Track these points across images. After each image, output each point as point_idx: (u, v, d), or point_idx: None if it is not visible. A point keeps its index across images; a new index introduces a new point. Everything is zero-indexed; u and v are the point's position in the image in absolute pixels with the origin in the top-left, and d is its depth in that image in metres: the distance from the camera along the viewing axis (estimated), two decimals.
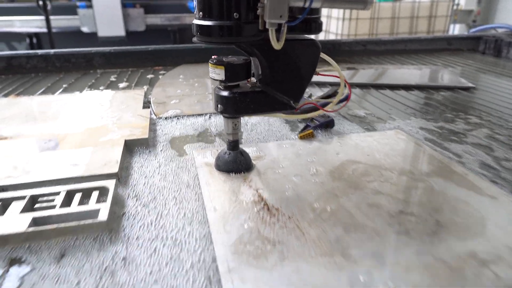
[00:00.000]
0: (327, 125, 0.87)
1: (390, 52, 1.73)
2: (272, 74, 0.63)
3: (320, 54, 0.65)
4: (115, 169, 0.66)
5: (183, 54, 1.54)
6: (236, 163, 0.68)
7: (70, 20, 4.38)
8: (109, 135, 0.82)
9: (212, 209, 0.58)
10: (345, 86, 0.69)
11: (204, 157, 0.75)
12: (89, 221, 0.53)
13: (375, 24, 2.73)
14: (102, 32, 4.30)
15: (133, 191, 0.64)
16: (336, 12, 2.69)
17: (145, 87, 1.26)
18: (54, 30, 4.29)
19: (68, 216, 0.55)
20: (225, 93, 0.63)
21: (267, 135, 0.88)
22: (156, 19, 4.48)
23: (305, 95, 1.22)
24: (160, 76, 1.41)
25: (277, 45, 0.56)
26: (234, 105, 0.63)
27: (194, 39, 0.61)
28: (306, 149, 0.79)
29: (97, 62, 1.46)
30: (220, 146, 0.82)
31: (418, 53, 1.76)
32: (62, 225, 0.52)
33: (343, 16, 2.66)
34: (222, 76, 0.62)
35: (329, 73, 0.69)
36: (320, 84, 1.32)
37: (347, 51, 1.68)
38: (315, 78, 0.65)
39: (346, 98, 0.73)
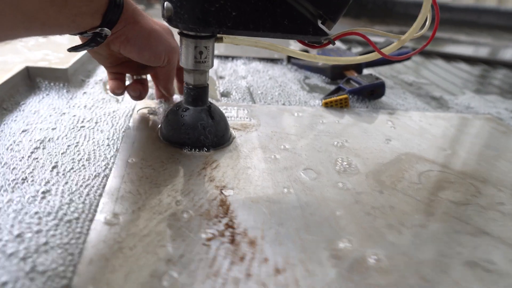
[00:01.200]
0: (373, 91, 0.53)
1: (456, 23, 1.33)
2: None
3: None
4: None
5: None
6: (195, 129, 0.35)
7: None
8: (8, 56, 0.50)
9: (101, 222, 0.26)
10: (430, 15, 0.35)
11: (156, 109, 0.42)
12: None
13: None
14: None
15: None
16: None
17: None
18: None
19: None
20: None
21: (268, 93, 0.54)
22: None
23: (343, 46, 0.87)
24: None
25: None
26: (197, 5, 0.29)
27: None
28: (333, 124, 0.45)
29: None
30: None
31: (494, 29, 1.36)
32: None
33: None
34: None
35: None
36: (362, 43, 0.96)
37: (401, 15, 1.30)
38: None
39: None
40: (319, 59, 0.36)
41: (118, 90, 0.40)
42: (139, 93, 0.41)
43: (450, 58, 0.92)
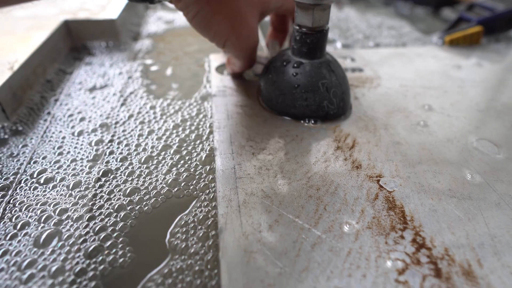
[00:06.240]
0: (511, 19, 0.40)
1: None
2: None
3: None
4: None
5: None
6: (315, 92, 0.25)
7: None
8: (39, 9, 0.40)
9: (237, 237, 0.17)
10: None
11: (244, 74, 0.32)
12: None
13: None
14: None
15: None
16: None
17: None
18: None
19: None
20: None
21: (359, 31, 0.42)
22: None
23: None
24: None
25: None
26: None
27: None
28: (474, 69, 0.34)
29: None
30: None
31: None
32: None
33: None
34: None
35: None
36: None
37: None
38: None
39: None
40: None
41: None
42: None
43: None
